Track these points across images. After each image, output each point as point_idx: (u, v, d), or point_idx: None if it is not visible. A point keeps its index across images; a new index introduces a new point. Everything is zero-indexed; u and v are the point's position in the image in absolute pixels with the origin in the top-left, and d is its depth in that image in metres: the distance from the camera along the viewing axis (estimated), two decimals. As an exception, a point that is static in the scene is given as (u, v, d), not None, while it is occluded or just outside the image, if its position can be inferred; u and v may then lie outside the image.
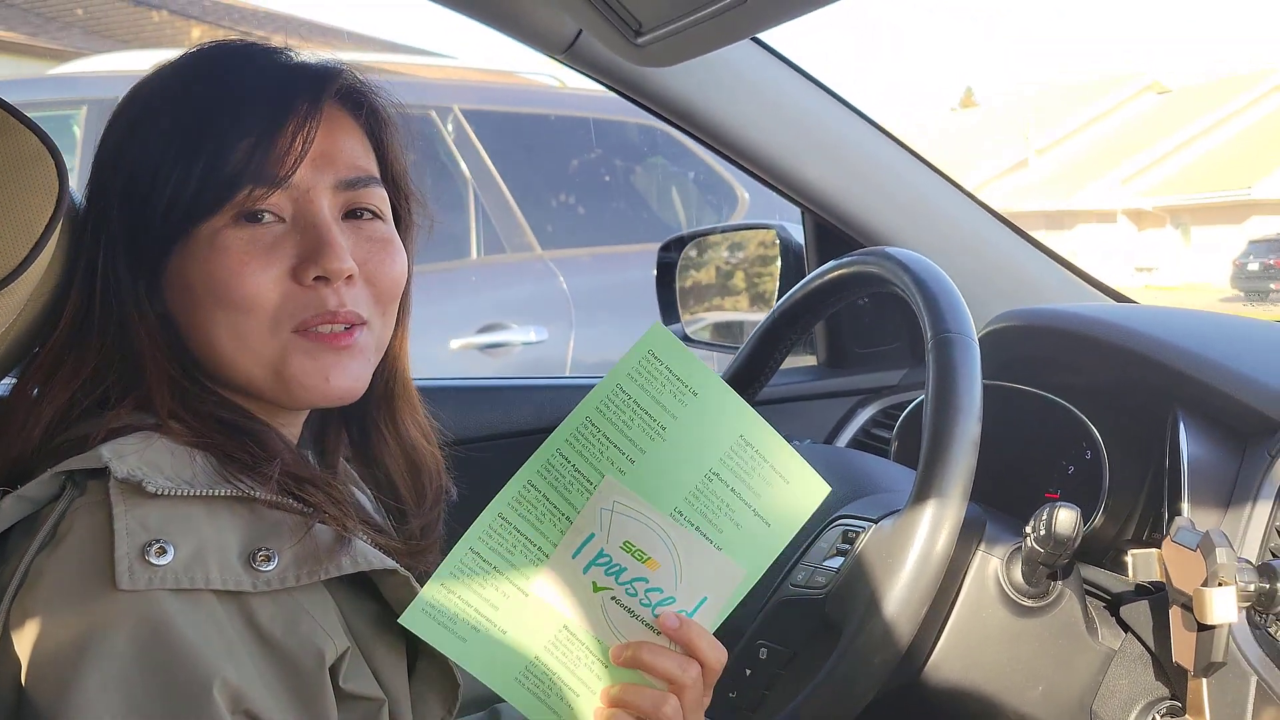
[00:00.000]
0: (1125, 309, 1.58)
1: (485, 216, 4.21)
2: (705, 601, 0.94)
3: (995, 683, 1.24)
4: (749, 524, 0.94)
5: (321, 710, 0.86)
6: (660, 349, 0.90)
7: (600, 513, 0.89)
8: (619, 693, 0.94)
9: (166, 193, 0.93)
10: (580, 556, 0.89)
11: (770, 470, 0.94)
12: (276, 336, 0.95)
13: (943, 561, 1.10)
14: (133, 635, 0.80)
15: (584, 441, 0.88)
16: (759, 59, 1.66)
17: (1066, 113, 29.82)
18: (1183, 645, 1.08)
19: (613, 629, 0.91)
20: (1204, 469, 1.21)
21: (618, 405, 0.88)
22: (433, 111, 4.20)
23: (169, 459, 0.89)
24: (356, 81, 1.03)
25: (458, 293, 4.08)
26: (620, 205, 4.69)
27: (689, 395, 0.90)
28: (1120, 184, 26.37)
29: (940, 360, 1.16)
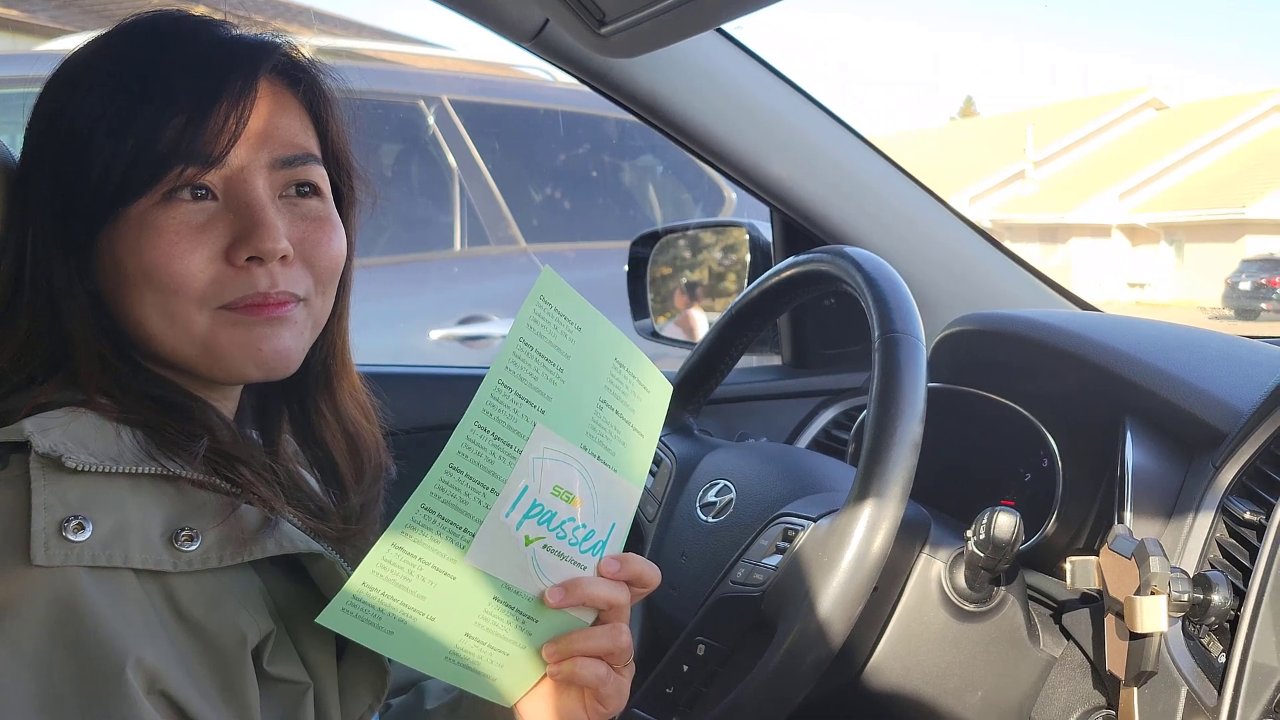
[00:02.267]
0: (1083, 316, 1.57)
1: (470, 208, 4.19)
2: (615, 527, 0.95)
3: (935, 686, 1.24)
4: (630, 440, 0.96)
5: (242, 692, 0.85)
6: (549, 293, 0.90)
7: (532, 462, 0.88)
8: (563, 644, 0.94)
9: (96, 170, 0.91)
10: (513, 513, 0.88)
11: (638, 385, 0.97)
12: (205, 312, 0.94)
13: (878, 562, 1.09)
14: (46, 612, 0.78)
15: (500, 407, 0.87)
16: (727, 54, 1.66)
17: (1066, 126, 29.85)
18: (1115, 654, 1.07)
19: (542, 577, 0.91)
20: (1148, 478, 1.21)
21: (523, 360, 0.88)
22: (421, 101, 4.18)
23: (94, 434, 0.88)
24: (296, 56, 1.01)
25: (440, 284, 4.07)
26: (606, 201, 4.68)
27: (575, 331, 0.91)
28: (1117, 199, 26.42)
29: (885, 360, 1.16)
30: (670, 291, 2.44)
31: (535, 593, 0.91)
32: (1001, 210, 27.09)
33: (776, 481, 1.33)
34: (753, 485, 1.35)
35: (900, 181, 1.80)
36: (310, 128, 1.01)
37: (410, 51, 5.68)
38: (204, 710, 0.82)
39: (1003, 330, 1.48)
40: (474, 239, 4.20)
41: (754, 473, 1.37)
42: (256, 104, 0.95)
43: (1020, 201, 27.92)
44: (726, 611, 1.23)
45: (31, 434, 0.84)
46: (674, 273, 2.42)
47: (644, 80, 1.60)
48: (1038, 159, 29.01)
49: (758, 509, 1.30)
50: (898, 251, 1.74)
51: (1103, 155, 28.56)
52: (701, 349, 1.53)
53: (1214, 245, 24.34)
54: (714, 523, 1.36)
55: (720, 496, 1.38)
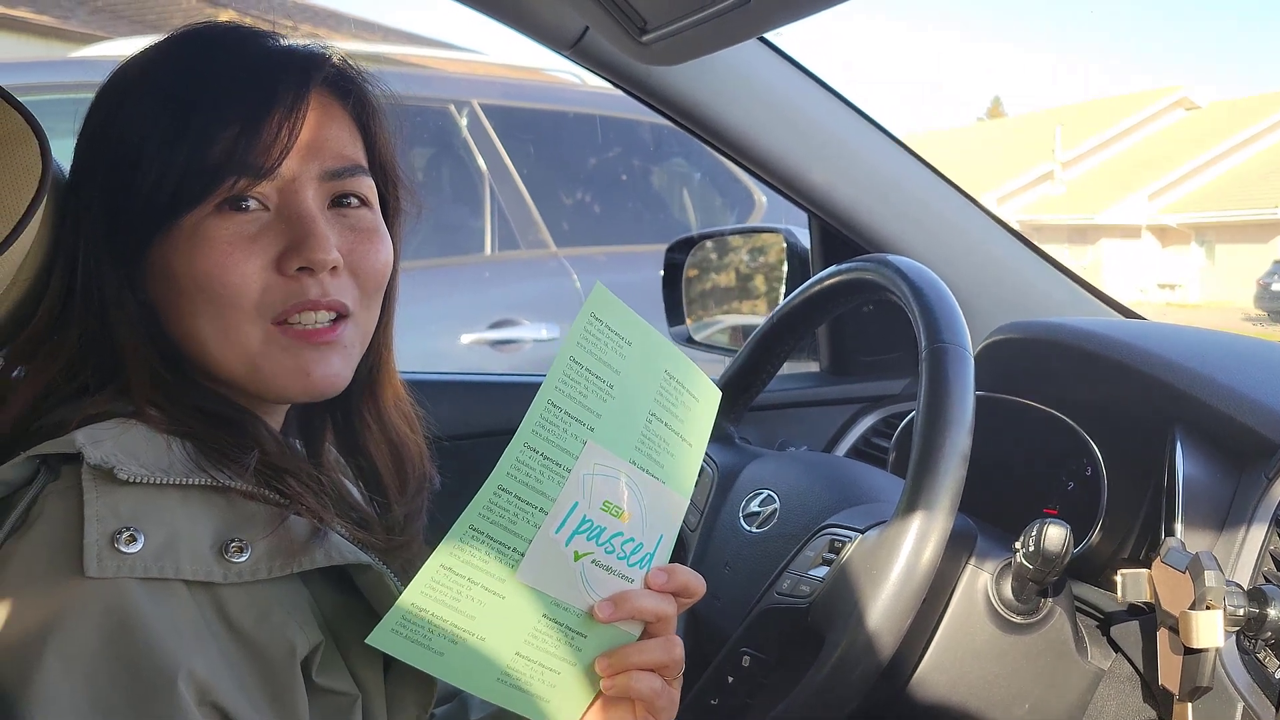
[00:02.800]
0: (1127, 324, 1.56)
1: (500, 212, 4.20)
2: (662, 539, 0.95)
3: (981, 699, 1.23)
4: (679, 450, 0.95)
5: (292, 704, 0.85)
6: (600, 309, 0.90)
7: (583, 479, 0.88)
8: (617, 658, 0.93)
9: (149, 182, 0.92)
10: (563, 530, 0.88)
11: (687, 394, 0.96)
12: (257, 328, 0.94)
13: (928, 574, 1.08)
14: (99, 624, 0.79)
15: (549, 426, 0.87)
16: (766, 60, 1.65)
17: (1095, 127, 29.65)
18: (1169, 668, 1.06)
19: (591, 592, 0.91)
20: (1199, 489, 1.19)
21: (573, 378, 0.88)
22: (451, 105, 4.19)
23: (145, 446, 0.88)
24: (345, 67, 1.01)
25: (470, 288, 4.08)
26: (636, 205, 4.68)
27: (625, 346, 0.91)
28: (1146, 200, 26.21)
29: (933, 371, 1.15)
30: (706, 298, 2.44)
31: (584, 608, 0.91)
32: (1029, 211, 26.93)
33: (820, 492, 1.32)
34: (796, 495, 1.34)
35: (939, 187, 1.79)
36: (358, 139, 1.01)
37: (440, 56, 5.69)
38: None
39: (1047, 338, 1.46)
40: (504, 243, 4.20)
41: (797, 482, 1.37)
42: (307, 115, 0.95)
43: (1049, 202, 27.75)
44: (772, 623, 1.23)
45: (83, 445, 0.85)
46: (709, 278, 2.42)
47: (684, 87, 1.60)
48: (1066, 159, 28.82)
49: (802, 519, 1.30)
50: (938, 258, 1.73)
51: (1132, 155, 28.35)
52: (743, 357, 1.52)
53: (1245, 246, 24.11)
54: (758, 533, 1.35)
55: (764, 506, 1.37)
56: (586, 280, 4.11)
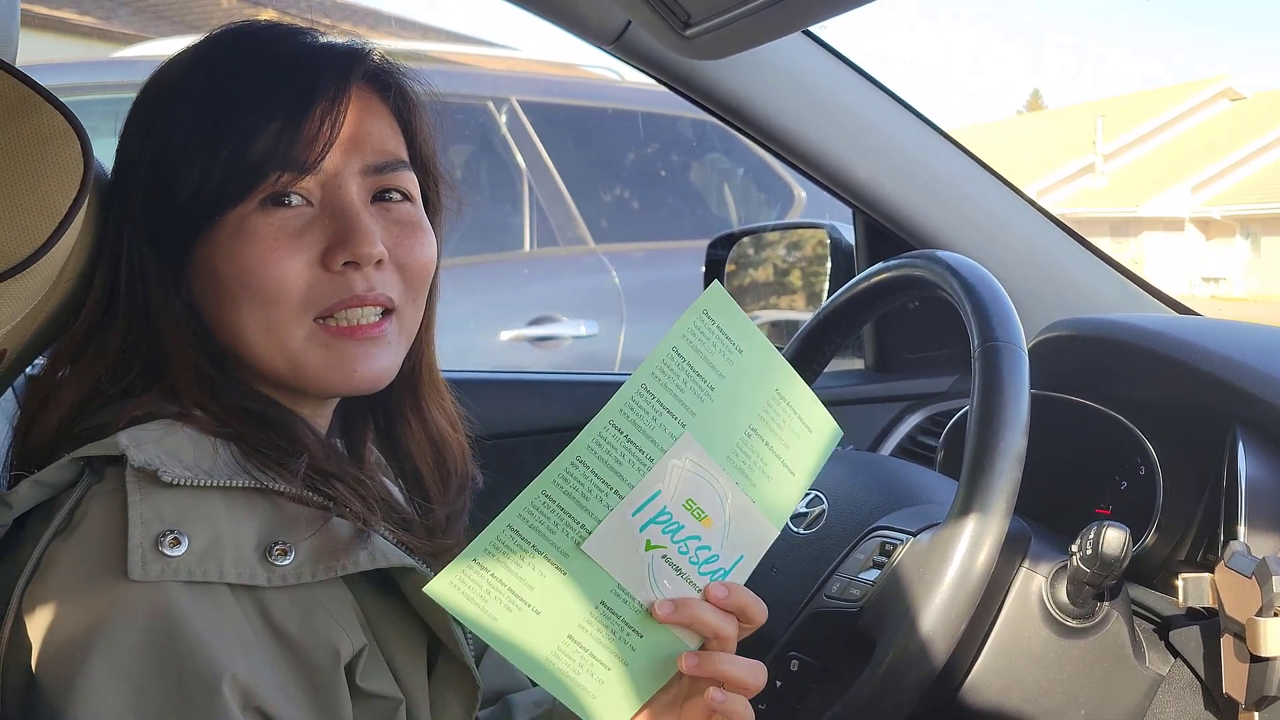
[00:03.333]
0: (1184, 321, 1.52)
1: (539, 209, 4.20)
2: (741, 560, 0.92)
3: (1035, 705, 1.20)
4: (778, 476, 0.93)
5: (336, 708, 0.85)
6: (714, 309, 0.88)
7: (670, 469, 0.87)
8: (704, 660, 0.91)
9: (192, 179, 0.92)
10: (640, 514, 0.87)
11: (798, 421, 0.94)
12: (301, 325, 0.93)
13: (982, 578, 1.06)
14: (143, 627, 0.79)
15: (638, 410, 0.85)
16: (811, 54, 1.63)
17: (1136, 118, 29.32)
18: (1234, 676, 1.03)
19: (655, 587, 0.89)
20: (1263, 491, 1.16)
21: (671, 369, 0.86)
22: (489, 102, 4.19)
23: (189, 448, 0.88)
24: (384, 62, 1.01)
25: (509, 285, 4.08)
26: (675, 201, 4.66)
27: (735, 353, 0.89)
28: (1190, 192, 25.90)
29: (987, 369, 1.12)
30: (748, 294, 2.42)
31: (645, 601, 0.89)
32: (1070, 204, 26.68)
33: (869, 493, 1.30)
34: (844, 496, 1.32)
35: (986, 181, 1.76)
36: (399, 133, 1.01)
37: (477, 53, 5.70)
38: None
39: (1101, 335, 1.43)
40: (543, 240, 4.21)
41: (845, 483, 1.35)
42: (348, 110, 0.95)
43: (1090, 195, 27.48)
44: (821, 626, 1.21)
45: (127, 448, 0.85)
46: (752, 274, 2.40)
47: (728, 82, 1.58)
48: (1108, 151, 28.52)
49: (851, 521, 1.28)
50: (986, 254, 1.70)
51: (1176, 147, 28.00)
52: (789, 354, 1.50)
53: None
54: (805, 534, 1.33)
55: (811, 507, 1.35)
56: (625, 276, 4.10)
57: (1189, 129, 28.61)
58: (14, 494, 0.85)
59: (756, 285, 2.59)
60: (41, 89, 0.84)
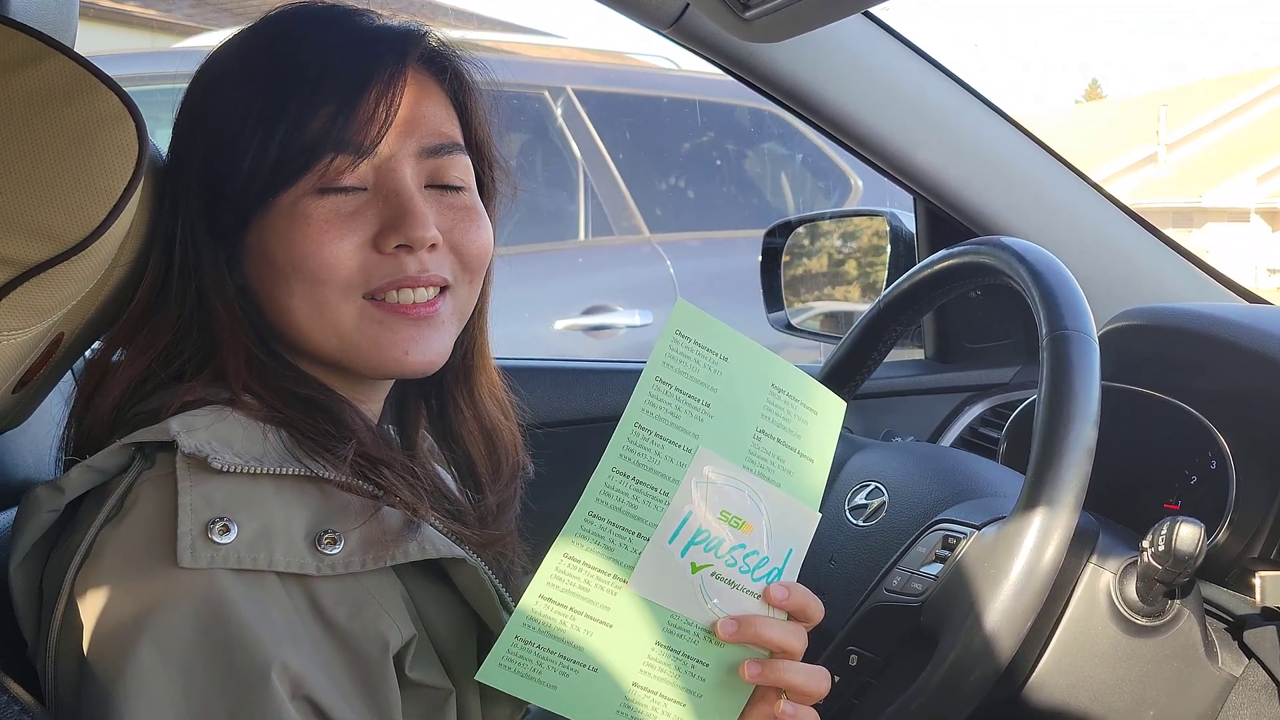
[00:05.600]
0: (1258, 310, 1.48)
1: (594, 198, 4.20)
2: (791, 554, 0.90)
3: (1103, 704, 1.17)
4: (798, 467, 0.91)
5: (385, 698, 0.84)
6: (686, 326, 0.86)
7: (695, 487, 0.85)
8: (769, 669, 0.89)
9: (246, 162, 0.91)
10: (677, 540, 0.85)
11: (801, 408, 0.92)
12: (351, 304, 0.92)
13: (1050, 574, 1.03)
14: (192, 615, 0.79)
15: (639, 450, 0.83)
16: (872, 36, 1.60)
17: (1200, 107, 28.79)
18: (1313, 678, 1.00)
19: (712, 607, 0.87)
20: (1343, 487, 1.12)
21: (662, 400, 0.84)
22: (545, 92, 4.19)
23: (240, 434, 0.88)
24: (440, 45, 1.00)
25: (564, 273, 4.08)
26: (730, 190, 4.64)
27: (721, 363, 0.87)
28: (1255, 182, 25.39)
29: (1056, 359, 1.09)
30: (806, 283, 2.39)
31: (705, 622, 0.87)
32: (1132, 195, 26.24)
33: (931, 485, 1.27)
34: (905, 488, 1.30)
35: (1052, 167, 1.72)
36: (455, 117, 1.00)
37: (532, 42, 5.70)
38: (347, 715, 0.82)
39: (1172, 325, 1.40)
40: (598, 229, 4.20)
41: (906, 475, 1.32)
42: (404, 92, 0.94)
43: (1152, 185, 27.03)
44: (881, 621, 1.19)
45: (177, 434, 0.84)
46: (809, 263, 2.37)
47: (786, 66, 1.55)
48: (1171, 141, 28.03)
49: (912, 514, 1.25)
50: (1053, 241, 1.65)
51: (1240, 137, 27.46)
52: (849, 343, 1.47)
53: (1362, 229, 23.25)
54: (864, 527, 1.31)
55: (871, 499, 1.33)
56: (679, 266, 4.09)
57: (1254, 119, 28.04)
58: (66, 479, 0.86)
59: (811, 275, 2.56)
60: (99, 71, 0.83)
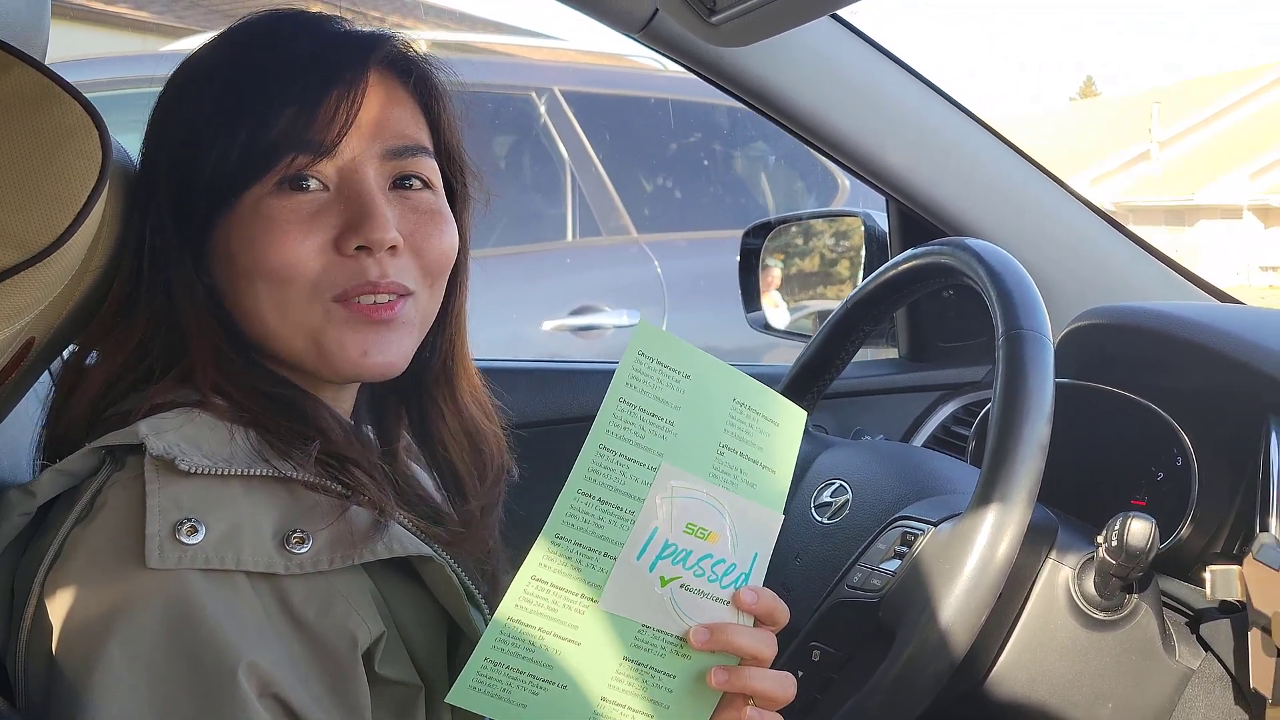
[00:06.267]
0: (1220, 309, 1.50)
1: (582, 199, 4.21)
2: (756, 558, 0.92)
3: (1062, 697, 1.19)
4: (760, 478, 0.92)
5: (354, 695, 0.85)
6: (648, 346, 0.87)
7: (659, 503, 0.86)
8: (735, 675, 0.90)
9: (210, 161, 0.92)
10: (645, 555, 0.86)
11: (763, 420, 0.93)
12: (316, 305, 0.93)
13: (1003, 570, 1.05)
14: (160, 615, 0.79)
15: (604, 471, 0.84)
16: (840, 39, 1.61)
17: (1193, 105, 28.79)
18: (1261, 670, 1.02)
19: (683, 617, 0.88)
20: (1296, 483, 1.14)
21: (625, 420, 0.85)
22: (532, 92, 4.20)
23: (208, 436, 0.89)
24: (407, 49, 1.01)
25: (552, 274, 4.09)
26: (718, 190, 4.65)
27: (683, 380, 0.88)
28: (1248, 179, 25.41)
29: (1010, 357, 1.11)
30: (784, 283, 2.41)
31: (678, 632, 0.88)
32: (1125, 194, 26.24)
33: (894, 482, 1.29)
34: (869, 486, 1.32)
35: (1022, 167, 1.73)
36: (421, 120, 1.01)
37: (523, 43, 5.72)
38: (315, 713, 0.83)
39: (1134, 324, 1.41)
40: (586, 229, 4.21)
41: (870, 473, 1.34)
42: (367, 95, 0.95)
43: (1145, 183, 27.03)
44: (842, 617, 1.20)
45: (146, 436, 0.85)
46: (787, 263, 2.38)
47: (755, 69, 1.57)
48: (1164, 139, 28.03)
49: (875, 511, 1.27)
50: (1021, 242, 1.68)
51: (1233, 133, 27.48)
52: (817, 343, 1.49)
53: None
54: (829, 524, 1.32)
55: (835, 497, 1.35)
56: (667, 266, 4.10)
57: (1246, 116, 28.04)
58: (38, 482, 0.87)
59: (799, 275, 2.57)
60: (63, 81, 0.85)
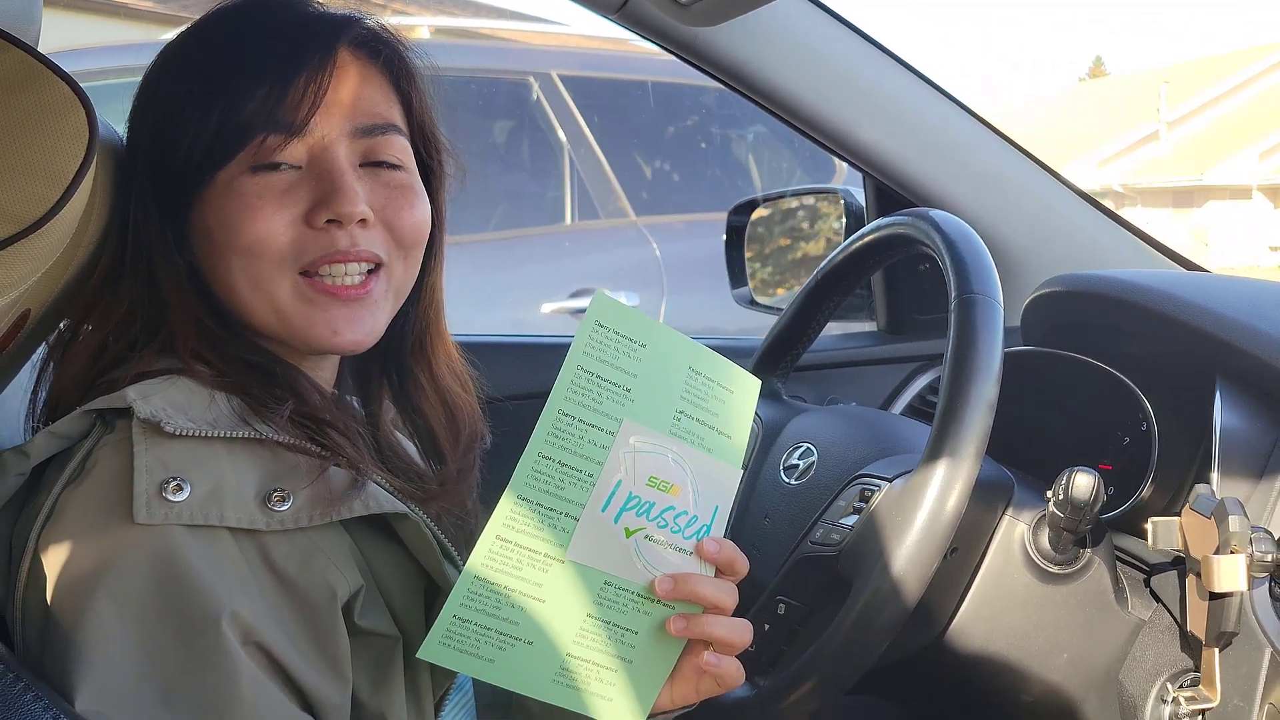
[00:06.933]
0: (1176, 275, 1.53)
1: (580, 182, 4.24)
2: (717, 510, 0.96)
3: (1019, 648, 1.24)
4: (716, 443, 0.96)
5: (333, 644, 0.90)
6: (604, 317, 0.90)
7: (622, 457, 0.90)
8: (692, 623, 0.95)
9: (186, 141, 0.96)
10: (610, 507, 0.90)
11: (718, 388, 0.96)
12: (285, 279, 0.97)
13: (953, 521, 1.09)
14: (147, 567, 0.84)
15: (564, 435, 0.88)
16: (810, 16, 1.64)
17: (1202, 84, 28.58)
18: (1196, 614, 1.06)
19: (648, 567, 0.93)
20: (1237, 439, 1.18)
21: (583, 386, 0.89)
22: (530, 77, 4.23)
23: (192, 401, 0.93)
24: (377, 30, 1.04)
25: (551, 257, 4.12)
26: (715, 173, 4.68)
27: (639, 349, 0.91)
28: (1257, 159, 25.27)
29: (961, 321, 1.15)
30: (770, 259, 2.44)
31: (644, 582, 0.92)
32: (1133, 175, 26.11)
33: (857, 443, 1.33)
34: (834, 447, 1.36)
35: (993, 142, 1.77)
36: (394, 99, 1.04)
37: (523, 29, 5.73)
38: (296, 660, 0.87)
39: (1092, 291, 1.45)
40: (584, 213, 4.24)
41: (836, 435, 1.38)
42: (337, 75, 0.98)
43: (1153, 164, 26.87)
44: (805, 571, 1.25)
45: (134, 401, 0.89)
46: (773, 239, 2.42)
47: (730, 48, 1.60)
48: (1172, 119, 27.85)
49: (837, 470, 1.31)
50: (992, 214, 1.72)
51: (1242, 113, 27.29)
52: (788, 315, 1.53)
53: (1364, 205, 23.12)
54: (795, 485, 1.37)
55: (803, 459, 1.39)
56: (665, 248, 4.13)
57: (1256, 95, 27.83)
58: (32, 444, 0.91)
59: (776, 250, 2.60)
60: (50, 62, 0.89)
